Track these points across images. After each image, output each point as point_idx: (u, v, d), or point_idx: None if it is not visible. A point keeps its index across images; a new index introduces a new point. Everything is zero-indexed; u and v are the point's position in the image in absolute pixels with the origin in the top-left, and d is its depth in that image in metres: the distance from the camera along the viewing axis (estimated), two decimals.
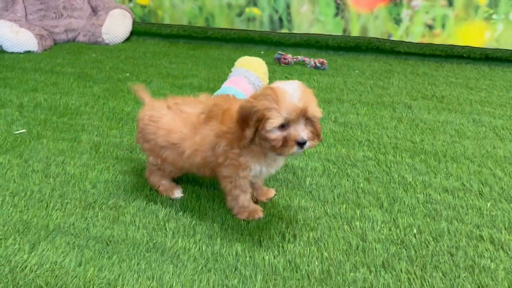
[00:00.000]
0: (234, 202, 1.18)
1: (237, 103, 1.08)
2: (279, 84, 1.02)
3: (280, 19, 2.75)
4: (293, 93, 0.98)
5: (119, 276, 1.00)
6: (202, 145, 1.13)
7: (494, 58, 2.49)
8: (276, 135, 1.00)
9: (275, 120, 0.98)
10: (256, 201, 1.26)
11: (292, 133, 1.00)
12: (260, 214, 1.20)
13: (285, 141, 1.00)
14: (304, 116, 1.00)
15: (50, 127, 1.69)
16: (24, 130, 1.66)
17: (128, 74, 2.28)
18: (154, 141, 1.19)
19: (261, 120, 0.99)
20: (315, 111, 1.01)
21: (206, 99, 1.20)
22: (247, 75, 1.90)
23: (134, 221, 1.18)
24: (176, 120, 1.17)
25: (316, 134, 1.04)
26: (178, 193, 1.29)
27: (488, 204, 1.26)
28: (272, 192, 1.30)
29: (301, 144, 1.00)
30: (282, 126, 1.00)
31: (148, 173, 1.31)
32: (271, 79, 2.19)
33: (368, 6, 2.58)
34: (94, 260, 1.05)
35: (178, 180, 1.34)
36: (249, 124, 1.01)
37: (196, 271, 1.02)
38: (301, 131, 1.00)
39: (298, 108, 0.98)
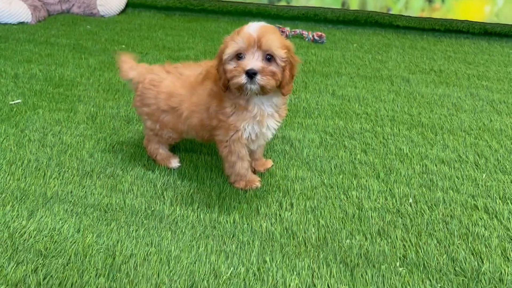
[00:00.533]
0: (231, 170, 1.18)
1: None
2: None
3: None
4: (252, 26, 0.98)
5: (117, 242, 1.01)
6: (198, 106, 1.12)
7: (493, 33, 2.48)
8: (232, 66, 0.99)
9: (229, 48, 0.98)
10: (254, 171, 1.26)
11: (243, 63, 0.97)
12: (258, 183, 1.21)
13: (236, 70, 0.98)
14: (261, 50, 0.97)
15: (45, 97, 1.68)
16: (19, 101, 1.65)
17: (123, 46, 2.25)
18: (155, 105, 1.17)
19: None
20: (271, 44, 0.97)
21: (205, 62, 1.18)
22: None
23: (132, 190, 1.18)
24: (175, 83, 1.15)
25: (273, 75, 0.99)
26: (175, 163, 1.29)
27: (484, 175, 1.27)
28: (269, 163, 1.30)
29: (249, 74, 0.96)
30: (239, 59, 0.99)
31: (146, 141, 1.30)
32: None
33: None
34: (92, 226, 1.06)
35: (175, 150, 1.34)
36: (222, 60, 1.01)
37: (194, 237, 1.03)
38: (252, 62, 0.97)
39: (252, 37, 0.96)
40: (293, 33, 2.43)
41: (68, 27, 2.54)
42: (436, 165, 1.32)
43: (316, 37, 2.36)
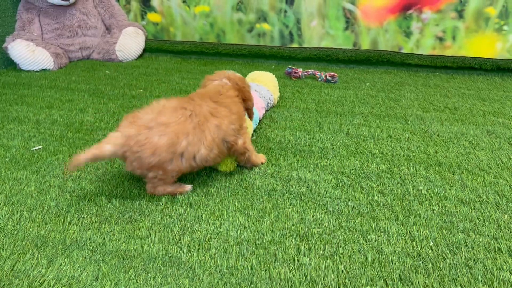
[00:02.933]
0: (253, 158, 1.48)
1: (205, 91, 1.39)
2: None
3: (291, 34, 2.78)
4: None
5: None
6: (216, 139, 1.31)
7: (506, 69, 2.48)
8: None
9: None
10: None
11: None
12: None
13: None
14: None
15: (66, 143, 1.72)
16: (40, 146, 1.69)
17: (141, 90, 2.32)
18: (156, 158, 1.24)
19: None
20: None
21: (162, 104, 1.31)
22: (258, 89, 1.91)
23: (150, 235, 1.19)
24: (166, 135, 1.24)
25: None
26: (188, 187, 1.38)
27: (506, 216, 1.25)
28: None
29: None
30: None
31: (151, 189, 1.35)
32: (283, 93, 2.21)
33: (378, 20, 2.60)
34: (110, 274, 1.06)
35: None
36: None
37: (212, 285, 1.02)
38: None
39: None
40: (306, 73, 2.47)
41: (88, 72, 2.64)
42: (455, 206, 1.30)
43: (328, 77, 2.40)
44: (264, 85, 1.97)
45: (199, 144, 1.27)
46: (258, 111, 1.78)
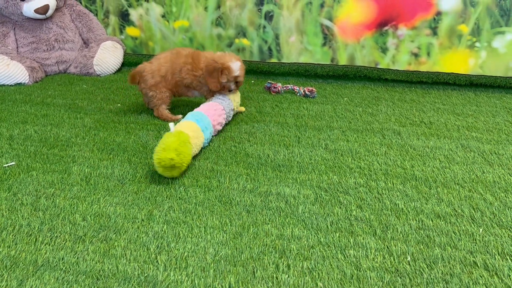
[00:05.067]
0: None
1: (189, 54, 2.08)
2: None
3: (270, 49, 2.80)
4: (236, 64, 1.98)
5: None
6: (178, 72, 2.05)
7: (479, 84, 2.55)
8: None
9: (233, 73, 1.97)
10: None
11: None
12: None
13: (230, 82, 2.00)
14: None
15: (40, 159, 1.68)
16: (13, 163, 1.65)
17: (119, 105, 2.29)
18: (154, 80, 2.03)
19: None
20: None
21: (160, 53, 2.17)
22: (214, 107, 1.93)
23: (125, 254, 1.16)
24: (157, 65, 2.05)
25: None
26: (179, 116, 2.06)
27: (481, 230, 1.27)
28: None
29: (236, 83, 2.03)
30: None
31: (155, 111, 2.09)
32: (262, 107, 2.22)
33: (355, 36, 2.65)
34: None
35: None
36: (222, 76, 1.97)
37: None
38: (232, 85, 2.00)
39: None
40: (284, 88, 2.49)
41: (64, 87, 2.59)
42: (432, 220, 1.31)
43: (307, 92, 2.42)
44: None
45: (172, 73, 2.03)
46: (213, 126, 1.80)
